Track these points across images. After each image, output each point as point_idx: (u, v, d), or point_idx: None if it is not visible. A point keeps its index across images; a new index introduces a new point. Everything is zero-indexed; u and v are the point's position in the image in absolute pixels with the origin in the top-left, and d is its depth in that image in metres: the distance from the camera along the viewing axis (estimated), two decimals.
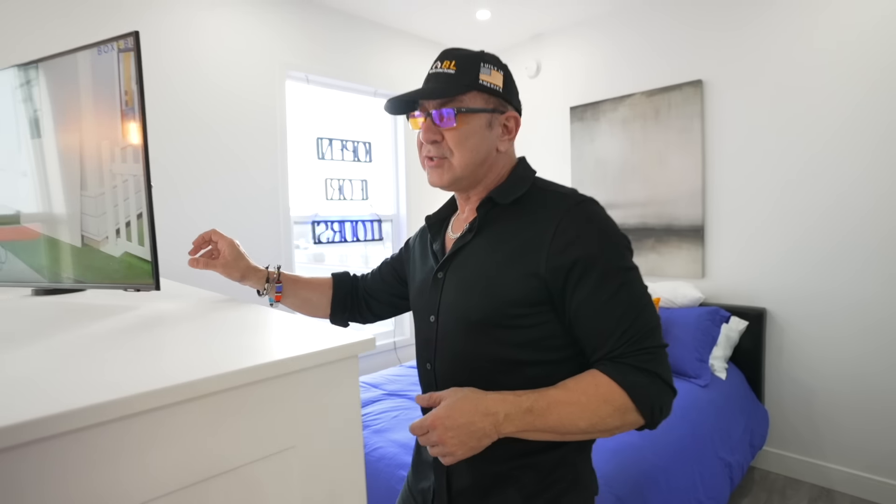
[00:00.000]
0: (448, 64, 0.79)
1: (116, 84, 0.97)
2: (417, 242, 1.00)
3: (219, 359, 0.51)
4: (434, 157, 0.81)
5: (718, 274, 2.68)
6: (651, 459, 1.62)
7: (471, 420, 0.65)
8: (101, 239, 1.05)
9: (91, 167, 1.04)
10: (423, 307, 0.88)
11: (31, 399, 0.42)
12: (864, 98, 2.19)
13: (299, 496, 0.56)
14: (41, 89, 1.09)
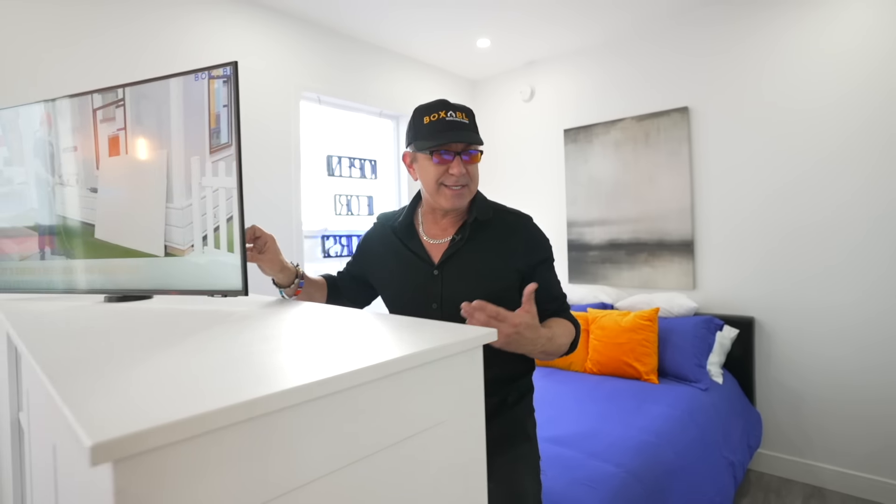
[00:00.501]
0: (461, 115, 1.08)
1: (206, 107, 1.06)
2: (378, 244, 1.23)
3: (378, 351, 0.60)
4: (462, 184, 1.08)
5: (709, 285, 2.86)
6: (670, 457, 1.74)
7: (536, 336, 0.94)
8: (185, 248, 1.11)
9: (178, 181, 1.11)
10: (420, 298, 1.11)
11: (277, 380, 0.53)
12: (841, 122, 2.44)
13: (447, 463, 0.65)
14: (127, 111, 1.16)
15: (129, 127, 1.16)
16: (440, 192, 1.09)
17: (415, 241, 1.15)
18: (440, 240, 1.13)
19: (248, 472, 0.44)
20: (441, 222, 1.16)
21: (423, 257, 1.13)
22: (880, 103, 2.32)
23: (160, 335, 0.76)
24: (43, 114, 1.31)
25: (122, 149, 1.17)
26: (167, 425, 0.39)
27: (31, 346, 0.73)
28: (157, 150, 1.12)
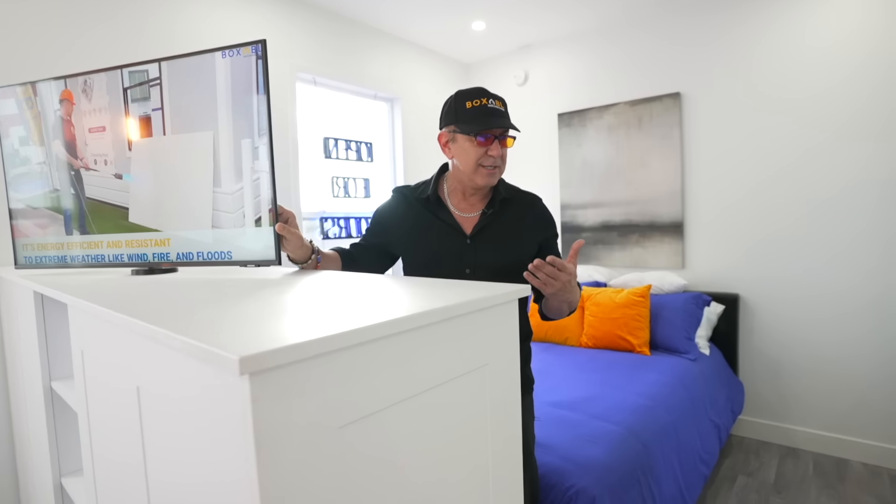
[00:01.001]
0: (499, 103, 1.21)
1: (253, 86, 1.08)
2: (401, 215, 1.31)
3: (434, 302, 0.67)
4: (496, 165, 1.21)
5: (697, 264, 3.00)
6: (663, 416, 1.87)
7: (575, 284, 1.10)
8: (229, 228, 1.14)
9: (227, 163, 1.12)
10: (455, 264, 1.23)
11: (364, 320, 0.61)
12: (829, 113, 2.56)
13: (489, 402, 0.74)
14: (165, 89, 1.16)
15: (167, 107, 1.16)
16: (477, 172, 1.21)
17: (445, 213, 1.26)
18: (469, 213, 1.28)
19: (341, 394, 0.52)
20: (470, 198, 1.29)
21: (455, 228, 1.25)
22: (868, 95, 2.44)
23: (216, 295, 0.83)
24: (63, 91, 1.31)
25: (158, 130, 1.17)
26: (291, 346, 0.46)
27: (101, 305, 0.79)
28: (202, 131, 1.13)
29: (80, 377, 0.98)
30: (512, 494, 0.78)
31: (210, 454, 0.53)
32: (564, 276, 1.03)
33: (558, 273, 1.02)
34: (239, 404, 0.46)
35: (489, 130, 1.18)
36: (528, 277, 1.04)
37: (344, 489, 0.53)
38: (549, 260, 1.02)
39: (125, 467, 0.81)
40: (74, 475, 1.32)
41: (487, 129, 1.17)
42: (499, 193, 1.27)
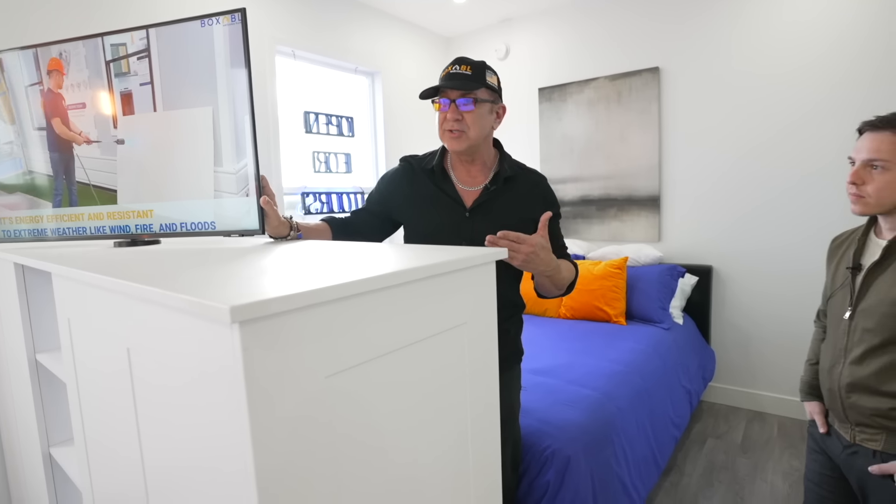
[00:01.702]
0: (465, 67, 1.18)
1: (242, 58, 1.04)
2: (406, 184, 1.32)
3: (416, 262, 0.71)
4: (454, 130, 1.19)
5: (672, 237, 3.08)
6: (637, 382, 1.96)
7: (549, 259, 1.10)
8: (212, 198, 1.14)
9: (228, 140, 1.08)
10: (452, 235, 1.23)
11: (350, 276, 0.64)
12: (801, 85, 2.63)
13: (468, 359, 0.78)
14: (154, 62, 1.12)
15: (157, 80, 1.12)
16: (444, 137, 1.22)
17: (448, 185, 1.27)
18: (472, 187, 1.28)
19: (328, 345, 0.55)
20: (472, 171, 1.29)
21: (456, 200, 1.26)
22: (845, 70, 2.50)
23: (203, 260, 0.85)
24: (51, 60, 1.23)
25: (147, 106, 1.14)
26: (280, 297, 0.49)
27: (91, 271, 0.80)
28: (200, 106, 1.09)
29: (68, 346, 0.99)
30: (489, 450, 0.83)
31: (203, 408, 0.56)
32: (525, 247, 1.04)
33: (518, 246, 1.03)
34: (230, 354, 0.49)
35: (445, 94, 1.19)
36: (492, 241, 1.04)
37: (331, 437, 0.56)
38: (500, 234, 1.02)
39: (117, 433, 0.83)
40: (63, 445, 1.33)
41: (441, 93, 1.19)
42: (504, 170, 1.26)
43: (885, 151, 1.07)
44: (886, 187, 1.08)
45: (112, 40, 1.18)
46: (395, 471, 0.65)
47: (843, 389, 1.15)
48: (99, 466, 0.96)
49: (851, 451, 1.16)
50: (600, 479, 1.50)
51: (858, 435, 1.14)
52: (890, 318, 1.07)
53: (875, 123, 1.11)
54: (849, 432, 1.17)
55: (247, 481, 0.50)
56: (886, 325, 1.08)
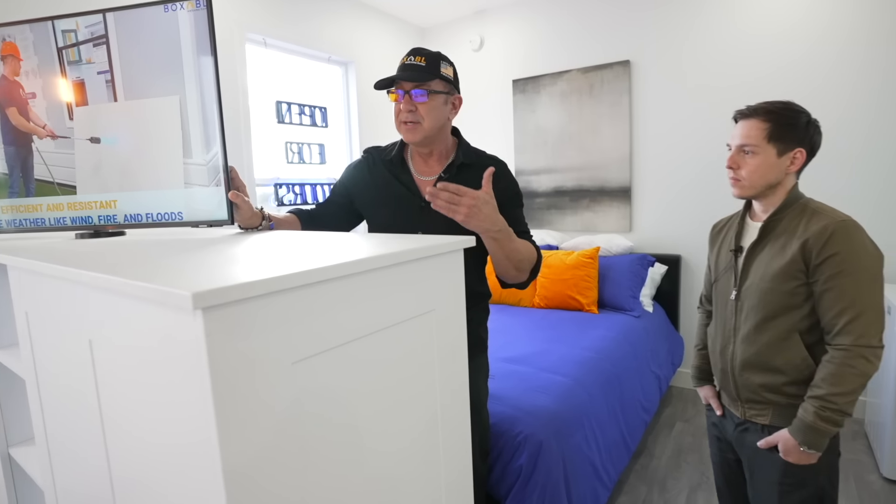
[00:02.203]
0: (419, 59, 1.19)
1: (208, 45, 1.00)
2: (368, 175, 1.32)
3: (383, 250, 0.71)
4: (409, 121, 1.19)
5: (643, 227, 3.15)
6: (608, 368, 2.00)
7: (495, 216, 1.08)
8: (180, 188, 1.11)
9: (197, 131, 1.04)
10: (409, 225, 1.23)
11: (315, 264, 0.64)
12: (767, 77, 2.70)
13: (436, 346, 0.79)
14: (114, 48, 1.08)
15: (117, 68, 1.08)
16: (400, 128, 1.23)
17: (406, 176, 1.28)
18: (428, 177, 1.28)
19: (292, 331, 0.55)
20: (429, 161, 1.29)
21: (413, 191, 1.26)
22: (807, 62, 2.59)
23: (168, 250, 0.83)
24: (3, 45, 1.16)
25: (106, 96, 1.09)
26: (243, 284, 0.49)
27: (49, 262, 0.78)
28: (166, 96, 1.04)
29: (26, 341, 0.96)
30: (459, 436, 0.85)
31: (168, 399, 0.56)
32: (467, 200, 1.01)
33: (458, 198, 1.01)
34: (194, 341, 0.48)
35: (399, 86, 1.20)
36: (433, 204, 1.03)
37: (298, 424, 0.56)
38: (439, 186, 1.01)
39: (80, 429, 0.81)
40: (23, 444, 1.29)
41: (397, 84, 1.19)
42: (458, 157, 1.27)
43: (753, 137, 1.15)
44: (756, 170, 1.15)
45: (63, 25, 1.12)
46: (364, 458, 0.66)
47: (737, 368, 1.20)
48: (62, 464, 0.93)
49: (742, 428, 1.22)
50: (572, 463, 1.54)
51: (748, 411, 1.20)
52: (769, 294, 1.13)
53: (745, 112, 1.19)
54: (740, 410, 1.22)
55: (214, 472, 0.49)
56: (767, 300, 1.14)
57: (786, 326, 1.13)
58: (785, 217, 1.16)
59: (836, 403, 1.03)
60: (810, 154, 1.16)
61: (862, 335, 1.03)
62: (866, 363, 1.03)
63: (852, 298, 1.04)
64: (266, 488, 0.53)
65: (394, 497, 0.72)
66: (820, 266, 1.07)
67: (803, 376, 1.12)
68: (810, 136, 1.15)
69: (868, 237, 1.08)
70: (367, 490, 0.67)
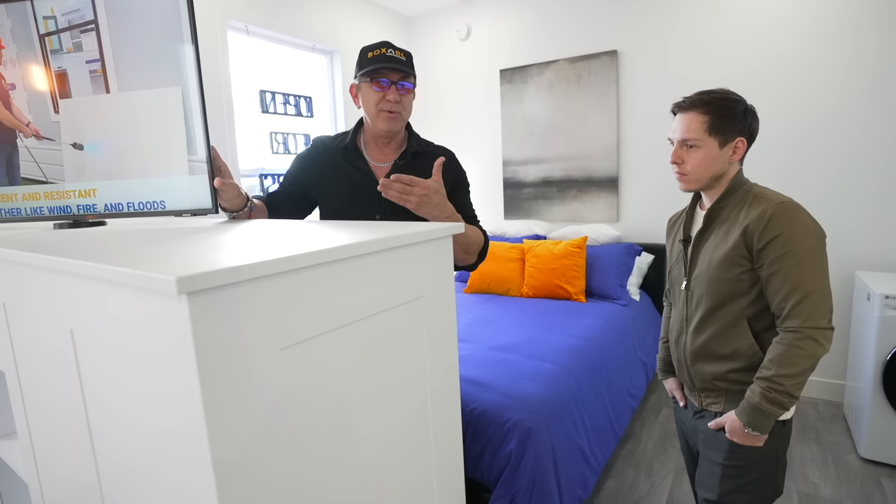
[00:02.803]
0: (399, 53, 1.25)
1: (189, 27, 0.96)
2: (319, 163, 1.36)
3: (361, 237, 0.71)
4: (393, 111, 1.25)
5: (630, 217, 3.18)
6: (596, 355, 2.03)
7: (444, 204, 1.13)
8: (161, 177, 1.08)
9: (198, 125, 1.01)
10: (366, 210, 1.29)
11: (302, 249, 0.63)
12: (757, 70, 2.73)
13: (425, 332, 0.79)
14: (104, 35, 1.02)
15: (109, 56, 1.02)
16: (378, 116, 1.26)
17: (361, 162, 1.32)
18: (383, 163, 1.34)
19: (280, 317, 0.54)
20: (384, 150, 1.34)
21: (369, 176, 1.31)
22: (796, 49, 2.61)
23: (150, 238, 0.82)
24: None
25: (95, 86, 1.04)
26: (228, 269, 0.48)
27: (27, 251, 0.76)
28: (166, 87, 0.99)
29: (5, 333, 0.94)
30: (450, 420, 0.85)
31: (154, 387, 0.55)
32: (418, 190, 1.07)
33: (410, 188, 1.07)
34: (179, 327, 0.47)
35: (385, 74, 1.23)
36: (385, 193, 1.07)
37: (287, 411, 0.56)
38: (393, 177, 1.06)
39: (64, 421, 0.80)
40: (5, 439, 1.27)
41: (382, 72, 1.23)
42: (411, 146, 1.33)
43: (693, 130, 1.14)
44: (700, 164, 1.14)
45: (44, 11, 1.08)
46: (355, 443, 0.66)
47: (689, 358, 1.20)
48: (46, 457, 0.92)
49: (699, 416, 1.23)
50: (560, 448, 1.56)
51: (704, 400, 1.20)
52: (715, 282, 1.13)
53: (682, 104, 1.17)
54: (697, 398, 1.23)
55: (203, 460, 0.49)
56: (714, 288, 1.14)
57: (733, 314, 1.12)
58: (728, 204, 1.16)
59: (782, 385, 1.02)
60: (750, 141, 1.17)
61: (810, 316, 1.02)
62: (815, 345, 1.02)
63: (797, 280, 1.03)
64: (256, 475, 0.52)
65: (385, 481, 0.72)
66: (763, 250, 1.06)
67: (751, 363, 1.11)
68: (748, 124, 1.14)
69: (809, 217, 1.07)
70: (358, 475, 0.67)
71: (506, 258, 3.06)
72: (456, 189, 1.32)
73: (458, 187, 1.34)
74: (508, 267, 3.03)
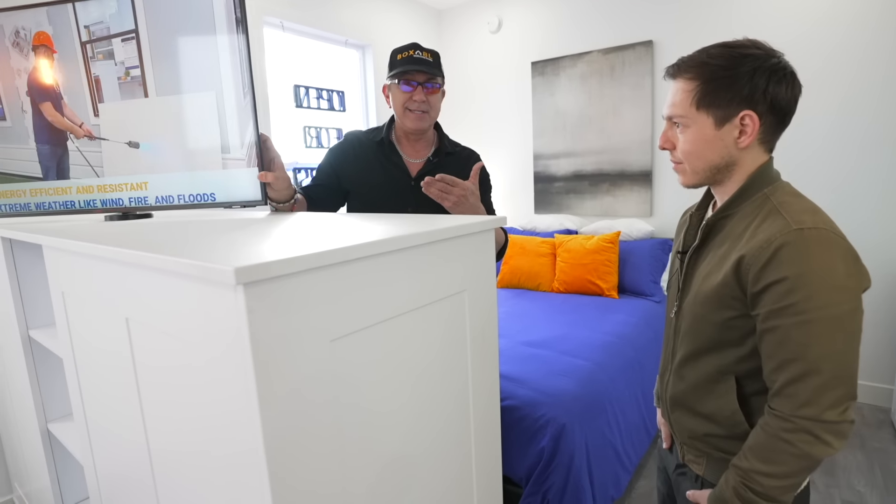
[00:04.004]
0: (427, 55, 1.31)
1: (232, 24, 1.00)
2: (353, 157, 1.39)
3: (406, 229, 0.71)
4: (421, 110, 1.31)
5: (664, 212, 3.10)
6: (630, 353, 1.99)
7: (478, 205, 1.16)
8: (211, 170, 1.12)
9: (232, 128, 1.05)
10: (400, 203, 1.32)
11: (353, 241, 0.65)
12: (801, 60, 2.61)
13: (468, 325, 0.79)
14: (144, 43, 1.07)
15: (148, 63, 1.07)
16: (406, 115, 1.32)
17: (396, 157, 1.38)
18: (416, 159, 1.40)
19: (331, 309, 0.55)
20: (416, 146, 1.40)
21: (403, 170, 1.37)
22: (839, 40, 2.49)
23: (203, 230, 0.84)
24: (37, 34, 1.13)
25: (140, 91, 1.08)
26: (284, 260, 0.49)
27: (86, 241, 0.79)
28: (202, 91, 1.04)
29: (63, 320, 0.99)
30: (489, 417, 0.85)
31: (207, 374, 0.56)
32: (458, 190, 1.13)
33: (450, 188, 1.13)
34: (235, 317, 0.48)
35: (411, 76, 1.29)
36: (426, 190, 1.13)
37: (334, 403, 0.57)
38: (437, 177, 1.12)
39: (118, 406, 0.83)
40: (61, 420, 1.34)
41: (409, 73, 1.29)
42: (444, 146, 1.40)
43: (678, 105, 0.82)
44: (692, 149, 0.82)
45: (85, 20, 1.10)
46: (397, 434, 0.66)
47: (668, 402, 0.94)
48: (100, 440, 0.96)
49: (680, 471, 0.96)
50: (594, 446, 1.54)
51: (686, 454, 0.93)
52: (700, 321, 0.83)
53: (670, 70, 0.85)
54: (681, 450, 0.95)
55: (255, 446, 0.50)
56: (698, 328, 0.84)
57: (717, 366, 0.83)
58: (736, 213, 0.82)
59: (760, 485, 0.74)
60: (773, 116, 0.78)
61: (807, 403, 0.70)
62: (813, 442, 0.71)
63: (799, 349, 0.71)
64: (304, 461, 0.53)
65: (427, 474, 0.72)
66: (759, 296, 0.73)
67: (735, 433, 0.82)
68: (762, 90, 0.76)
69: (845, 257, 0.71)
70: (400, 466, 0.67)
71: (536, 253, 3.03)
72: (483, 191, 1.37)
73: (486, 189, 1.40)
74: (539, 262, 3.00)
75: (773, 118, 0.78)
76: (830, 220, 0.74)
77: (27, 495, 1.64)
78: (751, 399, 0.82)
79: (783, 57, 0.79)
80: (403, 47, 1.32)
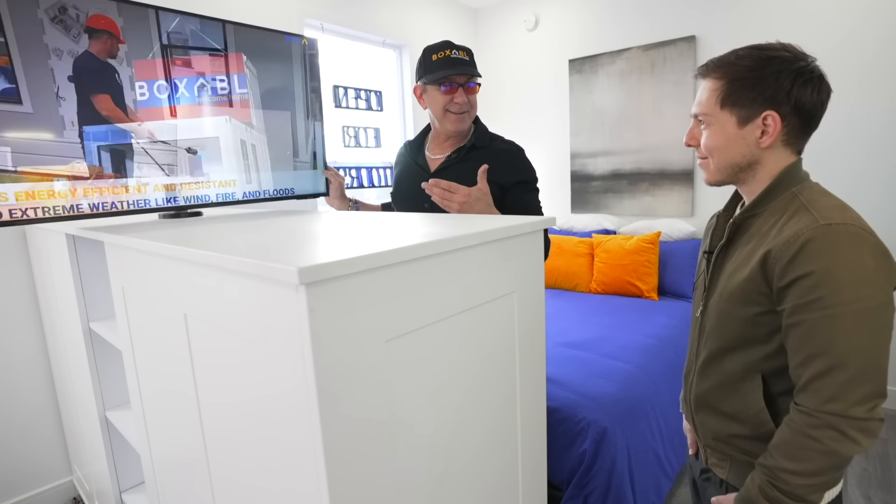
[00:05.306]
0: (462, 53, 1.28)
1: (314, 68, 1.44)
2: (397, 162, 1.52)
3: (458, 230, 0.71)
4: (464, 111, 1.30)
5: (706, 212, 3.00)
6: (671, 356, 1.94)
7: (489, 210, 1.14)
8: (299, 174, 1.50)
9: (301, 139, 1.46)
10: (417, 199, 1.33)
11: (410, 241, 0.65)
12: (851, 56, 2.49)
13: (517, 327, 0.78)
14: (252, 74, 1.33)
15: (254, 89, 1.35)
16: (446, 118, 1.31)
17: (420, 157, 1.42)
18: (438, 156, 1.39)
19: (387, 310, 0.56)
20: (443, 144, 1.39)
21: (423, 167, 1.39)
22: (885, 36, 2.36)
23: (257, 225, 0.87)
24: (92, 17, 1.02)
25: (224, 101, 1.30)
26: (344, 260, 0.50)
27: (145, 238, 0.83)
28: (281, 110, 1.40)
29: (123, 314, 1.03)
30: (536, 418, 0.84)
31: (264, 370, 0.58)
32: (458, 197, 1.10)
33: (451, 195, 1.10)
34: (296, 316, 0.50)
35: (452, 78, 1.26)
36: (429, 192, 1.11)
37: (388, 402, 0.57)
38: (432, 181, 1.10)
39: (175, 398, 0.87)
40: (119, 409, 1.40)
41: (450, 76, 1.26)
42: (469, 141, 1.36)
43: (704, 103, 0.85)
44: (715, 147, 0.85)
45: (167, 26, 1.16)
46: (447, 435, 0.67)
47: (693, 403, 0.93)
48: (157, 430, 1.00)
49: (705, 476, 0.96)
50: (636, 451, 1.51)
51: (710, 458, 0.93)
52: (726, 318, 0.84)
53: (700, 70, 0.89)
54: (704, 453, 0.95)
55: (314, 442, 0.51)
56: (724, 325, 0.85)
57: (743, 364, 0.83)
58: (763, 212, 0.83)
59: (786, 483, 0.73)
60: (797, 118, 0.79)
61: (833, 398, 0.70)
62: (839, 439, 0.70)
63: (825, 342, 0.70)
64: (362, 452, 0.54)
65: (473, 472, 0.73)
66: (785, 290, 0.74)
67: (759, 433, 0.82)
68: (787, 92, 0.78)
69: (873, 252, 0.71)
70: (450, 466, 0.68)
71: (574, 253, 2.99)
72: (519, 188, 1.29)
73: (522, 186, 1.30)
74: (577, 262, 2.96)
75: (798, 120, 0.80)
76: (860, 217, 0.74)
77: (86, 477, 1.73)
78: (777, 399, 0.81)
79: (814, 61, 0.81)
80: (436, 46, 1.29)
